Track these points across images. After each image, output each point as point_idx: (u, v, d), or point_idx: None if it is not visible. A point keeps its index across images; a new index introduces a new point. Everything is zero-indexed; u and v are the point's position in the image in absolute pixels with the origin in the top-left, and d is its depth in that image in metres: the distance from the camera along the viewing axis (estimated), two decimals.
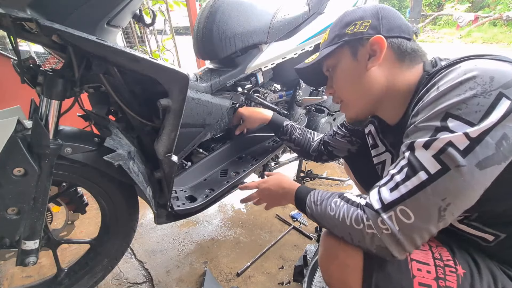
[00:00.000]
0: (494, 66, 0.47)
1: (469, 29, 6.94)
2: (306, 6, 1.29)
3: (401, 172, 0.51)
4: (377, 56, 0.63)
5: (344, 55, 0.68)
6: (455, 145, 0.46)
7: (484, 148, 0.45)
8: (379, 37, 0.62)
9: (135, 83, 0.81)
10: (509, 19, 6.61)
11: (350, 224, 0.56)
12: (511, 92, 0.45)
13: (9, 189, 0.67)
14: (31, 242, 0.73)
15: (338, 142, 1.00)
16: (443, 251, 0.59)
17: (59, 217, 1.22)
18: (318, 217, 0.65)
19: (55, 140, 0.71)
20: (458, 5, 8.29)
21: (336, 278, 0.62)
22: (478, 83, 0.46)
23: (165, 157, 0.83)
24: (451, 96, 0.47)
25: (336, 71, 0.71)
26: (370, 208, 0.54)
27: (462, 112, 0.46)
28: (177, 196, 1.06)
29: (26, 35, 0.65)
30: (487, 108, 0.45)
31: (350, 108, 0.73)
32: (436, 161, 0.47)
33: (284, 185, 0.80)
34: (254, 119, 1.15)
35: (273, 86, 1.39)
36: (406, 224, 0.49)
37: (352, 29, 0.66)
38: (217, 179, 1.14)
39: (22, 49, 1.78)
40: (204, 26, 1.04)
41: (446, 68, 0.54)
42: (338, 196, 0.63)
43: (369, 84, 0.66)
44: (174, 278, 1.16)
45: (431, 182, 0.47)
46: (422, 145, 0.49)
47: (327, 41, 0.72)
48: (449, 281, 0.54)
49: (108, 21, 0.70)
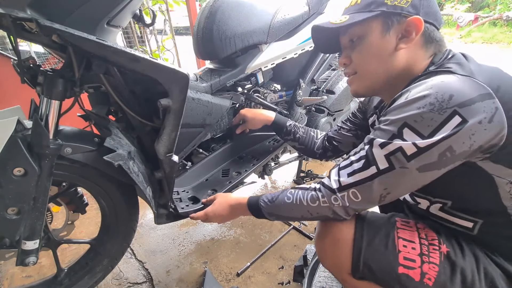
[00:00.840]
0: (458, 84, 0.52)
1: (469, 29, 6.94)
2: (306, 6, 1.29)
3: (359, 162, 0.60)
4: (411, 38, 0.62)
5: (375, 26, 0.65)
6: (404, 150, 0.54)
7: (428, 156, 0.53)
8: (418, 19, 0.60)
9: (135, 83, 0.81)
10: (509, 19, 6.61)
11: (306, 204, 0.67)
12: (465, 111, 0.50)
13: (9, 189, 0.67)
14: (31, 242, 0.73)
15: (344, 136, 1.01)
16: (429, 232, 0.65)
17: (59, 217, 1.22)
18: (276, 210, 0.74)
19: (55, 140, 0.71)
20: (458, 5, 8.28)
21: (329, 253, 0.69)
22: (438, 99, 0.51)
23: (165, 157, 0.83)
24: (413, 108, 0.53)
25: (362, 42, 0.68)
26: (327, 188, 0.64)
27: (417, 125, 0.53)
28: (180, 197, 1.05)
29: (26, 35, 0.65)
30: (438, 124, 0.51)
31: (362, 82, 0.71)
32: (386, 160, 0.56)
33: (231, 202, 0.85)
34: (257, 121, 1.15)
35: (273, 86, 1.38)
36: (354, 202, 0.61)
37: (392, 1, 0.62)
38: (219, 179, 1.14)
39: (22, 49, 1.77)
40: (204, 26, 1.03)
41: (426, 76, 0.59)
42: (291, 188, 0.73)
43: (392, 64, 0.65)
44: (174, 278, 1.16)
45: (379, 176, 0.57)
46: (379, 144, 0.57)
47: (359, 5, 0.66)
48: (432, 258, 0.60)
49: (108, 21, 0.70)
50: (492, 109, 0.50)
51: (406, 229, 0.65)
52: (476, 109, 0.50)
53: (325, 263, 0.72)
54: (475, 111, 0.50)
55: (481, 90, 0.51)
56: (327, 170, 1.88)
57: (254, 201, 0.79)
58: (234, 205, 0.84)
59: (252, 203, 0.79)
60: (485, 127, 0.50)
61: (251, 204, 0.80)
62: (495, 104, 0.50)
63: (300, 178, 1.73)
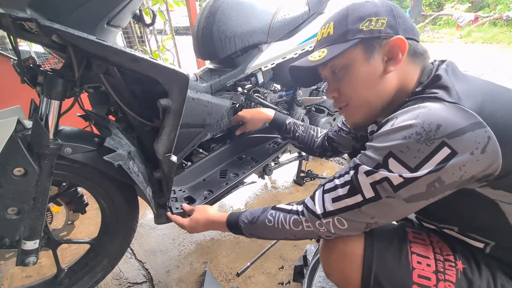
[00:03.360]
0: (446, 113, 0.49)
1: (469, 29, 6.94)
2: (306, 6, 1.29)
3: (344, 187, 0.58)
4: (398, 59, 0.59)
5: (358, 54, 0.61)
6: (390, 180, 0.52)
7: (415, 187, 0.51)
8: (400, 39, 0.58)
9: (135, 83, 0.81)
10: (509, 19, 6.61)
11: (289, 228, 0.65)
12: (454, 142, 0.47)
13: (9, 189, 0.67)
14: (31, 242, 0.73)
15: (343, 138, 0.99)
16: (444, 247, 0.61)
17: (59, 217, 1.22)
18: (257, 231, 0.73)
19: (55, 140, 0.71)
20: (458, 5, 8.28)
21: (336, 267, 0.65)
22: (425, 129, 0.48)
23: (164, 157, 0.83)
24: (399, 137, 0.51)
25: (347, 72, 0.64)
26: (311, 212, 0.61)
27: (403, 155, 0.50)
28: (176, 196, 1.05)
29: (26, 35, 0.65)
30: (426, 155, 0.49)
31: (358, 112, 0.68)
32: (372, 188, 0.54)
33: (209, 219, 0.84)
34: (256, 121, 1.14)
35: (273, 86, 1.39)
36: (340, 229, 0.59)
37: (367, 26, 0.59)
38: (216, 180, 1.14)
39: (22, 49, 1.77)
40: (204, 26, 1.04)
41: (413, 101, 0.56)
42: (271, 209, 0.71)
43: (384, 87, 0.62)
44: (174, 278, 1.16)
45: (365, 204, 0.55)
46: (364, 172, 0.55)
47: (333, 36, 0.63)
48: (448, 275, 0.56)
49: (108, 21, 0.70)
50: (484, 139, 0.47)
51: (419, 242, 0.62)
52: (467, 140, 0.47)
53: (331, 277, 0.67)
54: (465, 142, 0.47)
55: (471, 119, 0.48)
56: (327, 170, 1.88)
57: (234, 219, 0.77)
58: (212, 222, 0.83)
59: (232, 222, 0.77)
60: (477, 158, 0.47)
61: (231, 223, 0.78)
62: (488, 133, 0.47)
63: (300, 178, 1.73)
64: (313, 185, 1.73)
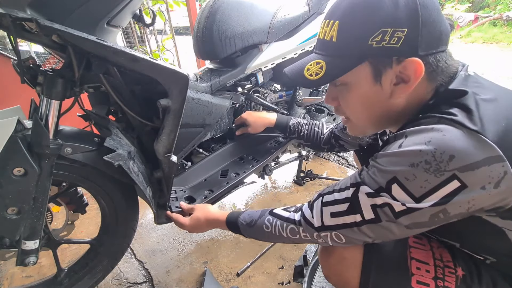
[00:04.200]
0: (462, 143, 0.43)
1: (469, 29, 6.93)
2: (306, 6, 1.29)
3: (343, 204, 0.55)
4: (409, 85, 0.50)
5: (362, 74, 0.52)
6: (392, 207, 0.49)
7: (418, 217, 0.48)
8: (417, 62, 0.47)
9: (135, 83, 0.81)
10: (509, 19, 6.60)
11: (286, 236, 0.66)
12: (466, 176, 0.43)
13: (9, 189, 0.67)
14: (31, 242, 0.73)
15: (349, 137, 0.99)
16: (444, 253, 0.60)
17: (59, 217, 1.22)
18: (254, 235, 0.74)
19: (55, 140, 0.71)
20: (458, 5, 8.28)
21: (334, 271, 0.65)
22: (436, 159, 0.44)
23: (164, 157, 0.83)
24: (406, 162, 0.46)
25: (347, 90, 0.56)
26: (309, 224, 0.61)
27: (408, 183, 0.47)
28: (176, 196, 1.05)
29: (26, 35, 0.65)
30: (433, 187, 0.45)
31: (359, 128, 0.63)
32: (372, 211, 0.51)
33: (209, 218, 0.84)
34: (258, 125, 1.15)
35: (273, 86, 1.39)
36: (337, 242, 0.59)
37: (378, 41, 0.47)
38: (217, 179, 1.14)
39: (22, 49, 1.77)
40: (204, 26, 1.03)
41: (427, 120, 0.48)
42: (269, 214, 0.70)
43: (389, 109, 0.55)
44: (174, 278, 1.16)
45: (364, 224, 0.53)
46: (366, 192, 0.52)
47: (336, 44, 0.51)
48: (447, 282, 0.55)
49: (108, 21, 0.70)
50: (500, 174, 0.43)
51: (419, 248, 0.61)
52: (481, 175, 0.43)
53: (330, 279, 0.68)
54: (478, 176, 0.43)
55: (490, 152, 0.42)
56: (327, 170, 1.88)
57: (233, 219, 0.78)
58: (212, 220, 0.84)
59: (231, 221, 0.78)
60: (489, 193, 0.44)
61: (230, 222, 0.79)
62: (504, 168, 0.42)
63: (300, 178, 1.73)
64: (313, 185, 1.73)
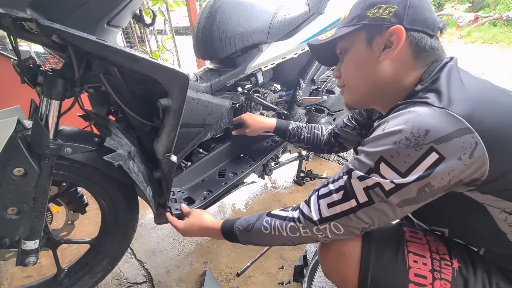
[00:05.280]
0: (434, 119, 0.49)
1: (469, 29, 6.93)
2: (306, 6, 1.29)
3: (338, 192, 0.59)
4: (392, 49, 0.59)
5: (359, 39, 0.64)
6: (382, 186, 0.53)
7: (406, 192, 0.52)
8: (399, 28, 0.57)
9: (135, 83, 0.81)
10: (509, 19, 6.60)
11: (287, 234, 0.66)
12: (442, 147, 0.48)
13: (9, 189, 0.67)
14: (31, 242, 0.73)
15: (349, 134, 1.01)
16: (440, 246, 0.62)
17: (59, 217, 1.22)
18: (253, 239, 0.73)
19: (55, 140, 0.71)
20: (458, 5, 8.27)
21: (333, 267, 0.66)
22: (414, 134, 0.49)
23: (164, 157, 0.83)
24: (389, 142, 0.52)
25: (347, 54, 0.68)
26: (308, 219, 0.62)
27: (394, 160, 0.52)
28: (175, 198, 1.05)
29: (26, 35, 0.65)
30: (415, 160, 0.50)
31: (350, 94, 0.71)
32: (365, 193, 0.55)
33: (204, 226, 0.84)
34: (258, 128, 1.15)
35: (273, 86, 1.39)
36: (336, 234, 0.60)
37: (374, 13, 0.60)
38: (215, 180, 1.14)
39: (22, 49, 1.77)
40: (204, 26, 1.03)
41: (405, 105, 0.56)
42: (267, 216, 0.71)
43: (376, 76, 0.63)
44: (174, 278, 1.16)
45: (359, 209, 0.56)
46: (357, 177, 0.56)
47: (347, 19, 0.66)
48: (444, 274, 0.57)
49: (108, 21, 0.70)
50: (471, 144, 0.47)
51: (416, 241, 0.63)
52: (454, 145, 0.48)
53: (329, 276, 0.69)
54: (453, 147, 0.48)
55: (458, 125, 0.48)
56: (327, 170, 1.88)
57: (229, 227, 0.77)
58: (206, 229, 0.83)
59: (226, 229, 0.78)
60: (465, 163, 0.48)
61: (225, 230, 0.78)
62: (475, 139, 0.47)
63: (300, 178, 1.73)
64: (313, 185, 1.73)
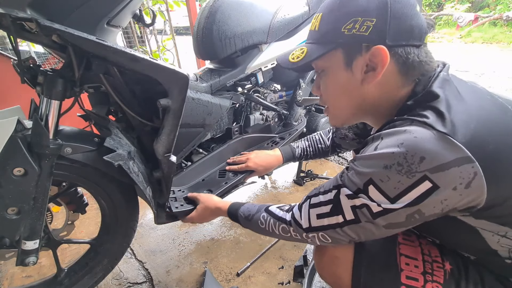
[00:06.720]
0: (432, 145, 0.45)
1: (469, 29, 6.93)
2: (306, 6, 1.29)
3: (327, 205, 0.58)
4: (377, 72, 0.53)
5: (336, 59, 0.57)
6: (370, 207, 0.51)
7: (394, 217, 0.50)
8: (382, 49, 0.51)
9: (135, 83, 0.81)
10: (509, 19, 6.60)
11: (279, 233, 0.69)
12: (437, 177, 0.45)
13: (9, 189, 0.67)
14: (31, 242, 0.73)
15: (349, 145, 1.04)
16: (432, 248, 0.62)
17: (59, 217, 1.22)
18: (252, 228, 0.78)
19: (55, 140, 0.71)
20: (458, 5, 8.27)
21: (328, 270, 0.67)
22: (407, 160, 0.46)
23: (164, 157, 0.83)
24: (380, 164, 0.49)
25: (325, 76, 0.61)
26: (297, 225, 0.63)
27: (383, 184, 0.49)
28: (175, 196, 1.05)
29: (26, 35, 0.65)
30: (406, 187, 0.47)
31: (334, 117, 0.67)
32: (352, 212, 0.54)
33: (213, 207, 0.91)
34: (267, 168, 1.14)
35: (273, 86, 1.39)
36: (325, 242, 0.61)
37: (349, 28, 0.52)
38: (216, 179, 1.14)
39: (22, 49, 1.77)
40: (204, 26, 1.04)
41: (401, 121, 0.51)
42: (265, 210, 0.73)
43: (361, 99, 0.59)
44: (174, 278, 1.16)
45: (346, 225, 0.56)
46: (346, 194, 0.55)
47: (317, 33, 0.58)
48: (436, 276, 0.57)
49: (108, 21, 0.70)
50: (470, 174, 0.44)
51: (408, 244, 0.63)
52: (451, 175, 0.44)
53: (324, 278, 0.70)
54: (449, 177, 0.44)
55: (459, 153, 0.44)
56: (327, 170, 1.88)
57: (234, 210, 0.83)
58: (218, 209, 0.89)
59: (232, 212, 0.84)
60: (460, 193, 0.45)
61: (231, 213, 0.84)
62: (474, 169, 0.44)
63: (300, 178, 1.73)
64: (313, 185, 1.73)
